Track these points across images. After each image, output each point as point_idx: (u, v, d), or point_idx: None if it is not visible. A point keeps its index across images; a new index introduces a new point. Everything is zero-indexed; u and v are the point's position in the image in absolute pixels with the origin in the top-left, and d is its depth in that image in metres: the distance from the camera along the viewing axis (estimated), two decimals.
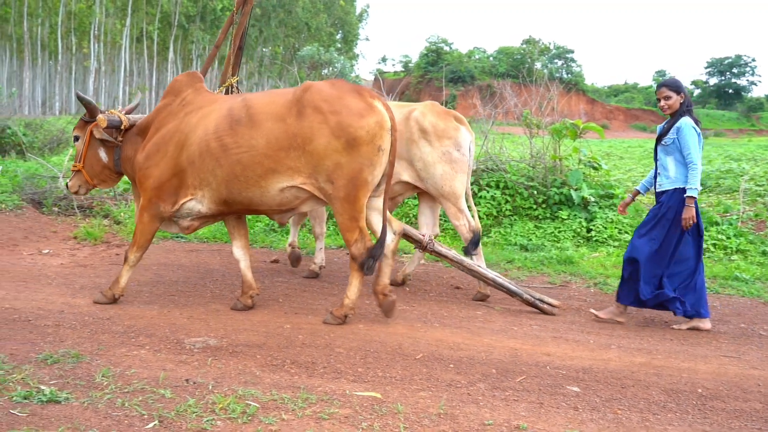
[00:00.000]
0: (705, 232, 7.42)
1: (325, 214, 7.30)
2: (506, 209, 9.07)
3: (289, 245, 7.25)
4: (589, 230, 8.74)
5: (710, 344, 5.09)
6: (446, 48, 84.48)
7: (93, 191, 7.22)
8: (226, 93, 6.13)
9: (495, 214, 9.05)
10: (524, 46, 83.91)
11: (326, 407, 3.50)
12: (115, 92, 53.72)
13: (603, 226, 8.70)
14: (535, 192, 9.10)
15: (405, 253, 8.08)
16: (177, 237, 8.66)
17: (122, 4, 53.60)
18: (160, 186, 5.30)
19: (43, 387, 3.54)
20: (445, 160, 6.20)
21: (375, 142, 4.80)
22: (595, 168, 9.70)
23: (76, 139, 5.90)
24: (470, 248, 6.24)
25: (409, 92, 79.12)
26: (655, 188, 5.76)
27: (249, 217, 9.15)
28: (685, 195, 5.38)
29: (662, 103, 5.57)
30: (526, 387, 3.99)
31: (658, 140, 5.67)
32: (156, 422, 3.20)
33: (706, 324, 5.51)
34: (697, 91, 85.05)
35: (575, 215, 8.87)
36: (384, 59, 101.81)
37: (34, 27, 51.86)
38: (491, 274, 6.07)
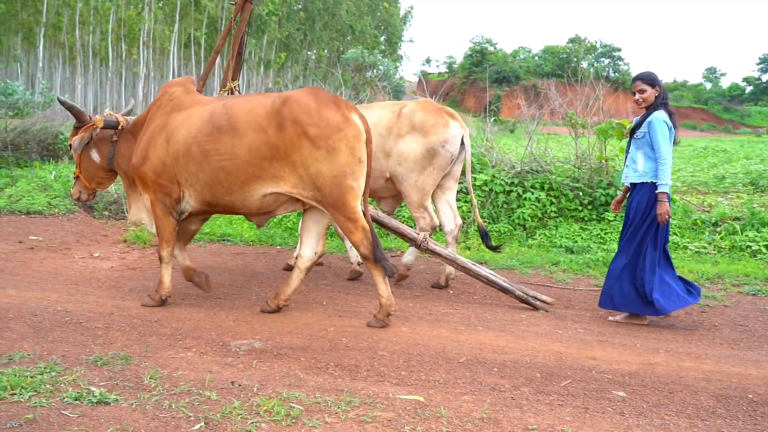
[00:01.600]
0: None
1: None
2: (551, 211, 8.98)
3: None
4: None
5: (762, 348, 4.97)
6: (491, 48, 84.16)
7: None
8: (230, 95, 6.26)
9: (540, 215, 8.97)
10: (570, 45, 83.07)
11: (369, 410, 3.51)
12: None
13: None
14: (581, 193, 9.00)
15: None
16: (222, 240, 8.78)
17: (170, 10, 54.54)
18: (158, 179, 5.44)
19: (93, 388, 3.63)
20: (428, 156, 6.31)
21: (354, 154, 4.94)
22: None
23: (71, 147, 5.97)
24: (488, 245, 6.56)
25: (453, 93, 78.97)
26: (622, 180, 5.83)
27: (293, 222, 9.24)
28: (656, 191, 5.40)
29: (637, 96, 5.59)
30: (571, 391, 3.96)
31: (631, 134, 5.69)
32: (202, 424, 3.26)
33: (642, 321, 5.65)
34: (749, 88, 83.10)
35: (622, 216, 8.73)
36: (428, 60, 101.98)
37: (86, 35, 53.05)
38: (485, 271, 6.10)
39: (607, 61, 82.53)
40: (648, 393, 3.98)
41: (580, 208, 8.98)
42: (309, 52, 65.56)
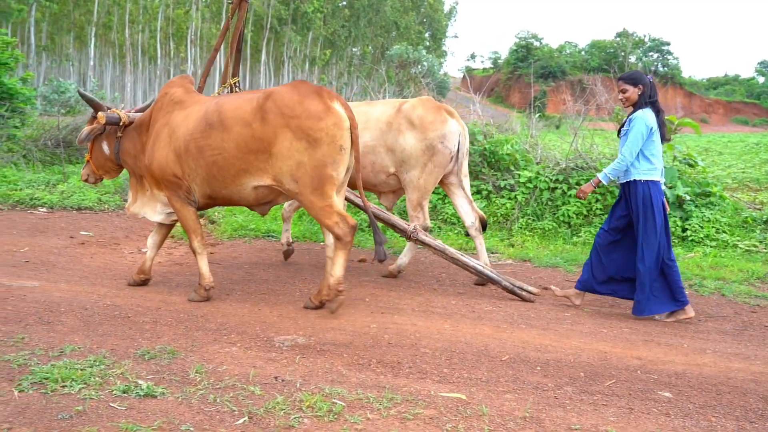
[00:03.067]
0: None
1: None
2: (597, 208, 8.86)
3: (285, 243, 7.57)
4: (684, 230, 8.45)
5: None
6: (536, 43, 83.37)
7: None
8: (230, 92, 6.46)
9: (585, 213, 8.86)
10: (618, 39, 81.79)
11: (411, 407, 3.52)
12: (210, 94, 55.37)
13: (699, 226, 8.39)
14: None
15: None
16: (268, 236, 8.87)
17: (217, 9, 55.23)
18: (164, 176, 5.68)
19: (140, 382, 3.70)
20: (428, 153, 6.42)
21: (335, 142, 5.08)
22: (691, 165, 9.36)
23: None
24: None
25: (498, 89, 78.43)
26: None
27: None
28: (596, 176, 5.66)
29: (620, 96, 5.71)
30: (616, 391, 3.91)
31: (619, 133, 5.80)
32: (246, 418, 3.30)
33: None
34: None
35: (670, 214, 8.57)
36: (473, 56, 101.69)
37: (135, 33, 54.07)
38: (472, 262, 6.22)
39: (655, 55, 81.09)
40: (695, 394, 3.92)
41: (668, 209, 8.84)
42: (353, 49, 65.74)
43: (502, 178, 9.50)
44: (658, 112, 5.58)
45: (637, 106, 5.62)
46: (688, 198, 8.66)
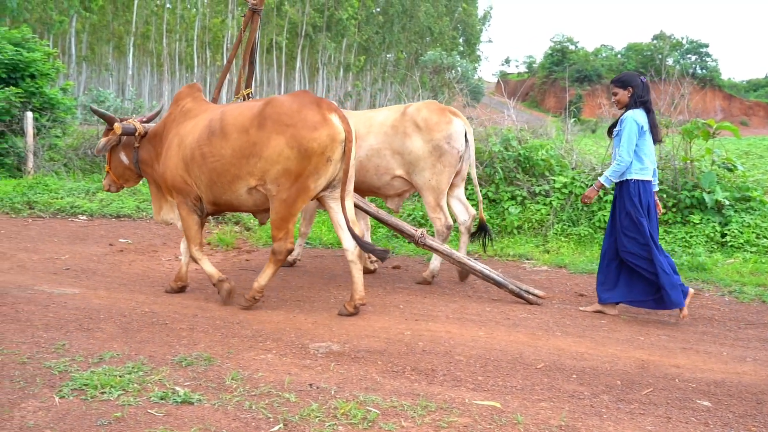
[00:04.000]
0: None
1: (315, 215, 7.72)
2: None
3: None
4: (723, 235, 8.31)
5: None
6: (572, 47, 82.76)
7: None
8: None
9: None
10: (655, 41, 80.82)
11: (445, 415, 3.52)
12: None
13: (739, 231, 8.24)
14: (665, 195, 8.74)
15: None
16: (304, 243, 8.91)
17: None
18: (175, 183, 5.90)
19: (178, 388, 3.75)
20: (435, 153, 6.53)
21: (325, 153, 5.20)
22: (730, 169, 9.20)
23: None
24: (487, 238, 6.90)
25: (533, 93, 77.99)
26: None
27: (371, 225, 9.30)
28: (598, 179, 5.74)
29: (612, 99, 5.89)
30: (653, 400, 3.86)
31: (609, 133, 5.97)
32: (281, 425, 3.33)
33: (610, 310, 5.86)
34: None
35: (708, 219, 8.46)
36: (507, 61, 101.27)
37: (173, 43, 54.81)
38: (479, 266, 6.30)
39: (693, 57, 79.91)
40: (734, 403, 3.86)
41: (663, 210, 8.73)
42: (387, 55, 65.82)
43: (536, 183, 9.44)
44: (649, 113, 5.71)
45: (628, 107, 5.73)
46: (727, 203, 8.52)
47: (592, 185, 5.85)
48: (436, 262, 7.02)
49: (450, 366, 4.34)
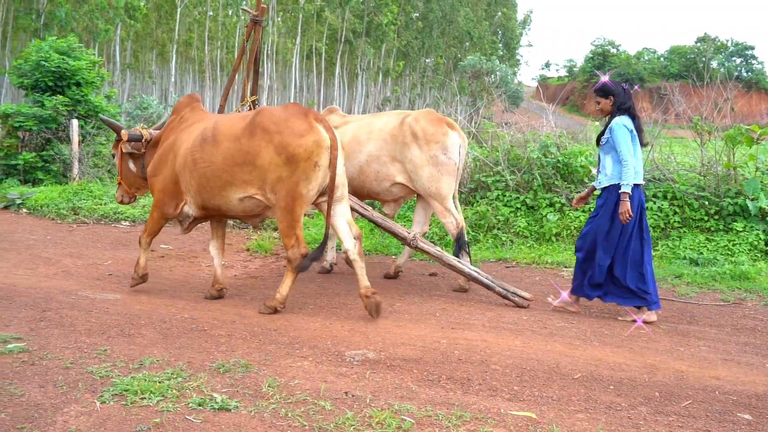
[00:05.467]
0: None
1: None
2: (674, 221, 8.63)
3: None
4: (767, 243, 8.13)
5: None
6: (613, 50, 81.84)
7: None
8: (249, 110, 6.84)
9: (662, 226, 8.64)
10: (698, 44, 79.48)
11: (480, 425, 3.51)
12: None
13: None
14: (707, 202, 8.59)
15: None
16: (338, 250, 8.95)
17: (293, 24, 56.27)
18: (164, 190, 6.20)
19: (215, 395, 3.80)
20: (432, 162, 6.73)
21: (312, 158, 5.44)
22: None
23: (113, 156, 6.92)
24: (459, 249, 6.80)
25: (573, 98, 77.31)
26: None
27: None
28: (620, 191, 5.73)
29: (596, 108, 6.07)
30: (692, 412, 3.81)
31: (597, 142, 6.06)
32: None
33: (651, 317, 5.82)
34: None
35: (752, 227, 8.28)
36: (547, 65, 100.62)
37: (214, 50, 55.57)
38: (468, 269, 6.46)
39: (738, 60, 78.43)
40: None
41: (705, 218, 8.59)
42: (426, 60, 65.82)
43: (575, 190, 9.36)
44: (633, 118, 5.85)
45: (612, 114, 5.90)
46: None
47: (623, 200, 5.73)
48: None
49: (486, 375, 4.33)
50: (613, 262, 5.87)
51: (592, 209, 6.54)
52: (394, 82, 65.06)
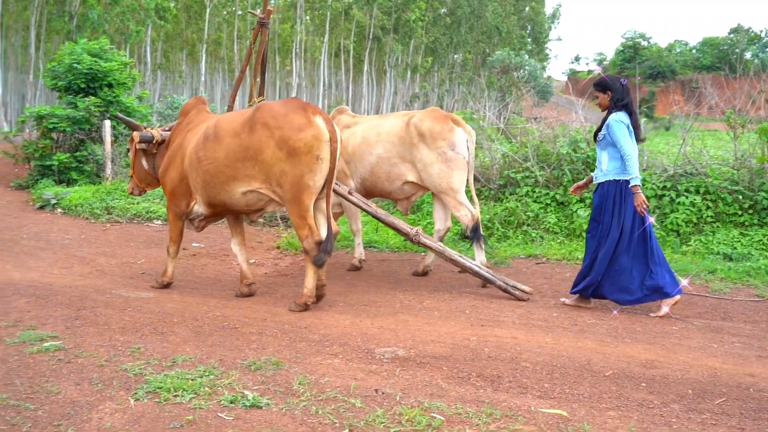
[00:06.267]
0: None
1: (359, 211, 7.75)
2: (707, 216, 8.51)
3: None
4: None
5: None
6: (644, 43, 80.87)
7: None
8: None
9: (695, 221, 8.53)
10: (731, 35, 78.21)
11: (510, 423, 3.50)
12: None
13: None
14: (741, 197, 8.46)
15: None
16: (369, 247, 8.98)
17: (321, 22, 56.41)
18: (174, 190, 6.47)
19: (247, 392, 3.84)
20: (441, 159, 6.93)
21: (313, 152, 5.58)
22: None
23: (128, 150, 7.26)
24: (472, 236, 7.03)
25: None
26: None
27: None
28: (629, 185, 5.77)
29: (596, 102, 6.16)
30: (726, 410, 3.76)
31: (595, 137, 6.12)
32: (346, 431, 3.37)
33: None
34: None
35: None
36: (577, 58, 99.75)
37: (243, 49, 55.75)
38: (469, 263, 6.61)
39: None
40: None
41: (740, 212, 8.46)
42: (455, 56, 65.54)
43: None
44: (631, 114, 5.89)
45: (609, 110, 5.94)
46: None
47: (636, 193, 5.80)
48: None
49: (516, 373, 4.31)
50: (612, 259, 5.90)
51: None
52: (423, 79, 64.87)
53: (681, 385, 4.13)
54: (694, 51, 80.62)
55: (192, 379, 3.99)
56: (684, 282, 6.08)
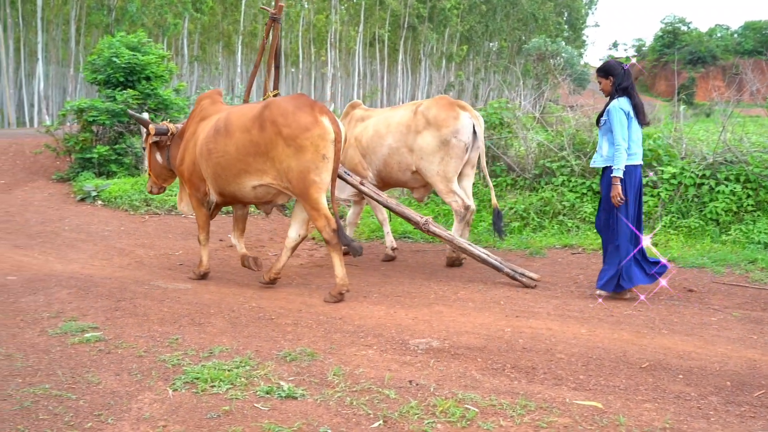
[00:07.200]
0: None
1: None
2: (748, 204, 8.34)
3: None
4: None
5: None
6: (684, 28, 79.41)
7: None
8: None
9: (735, 209, 8.36)
10: None
11: (545, 415, 3.50)
12: (349, 95, 56.64)
13: None
14: None
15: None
16: (404, 237, 8.99)
17: (355, 11, 56.36)
18: (190, 177, 6.65)
19: (282, 383, 3.89)
20: (444, 147, 7.05)
21: (318, 150, 5.76)
22: None
23: (144, 150, 7.33)
24: (498, 227, 7.33)
25: (642, 78, 75.37)
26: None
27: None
28: (611, 174, 5.86)
29: (599, 87, 6.15)
30: (765, 403, 3.71)
31: (597, 122, 6.18)
32: (380, 422, 3.40)
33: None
34: None
35: None
36: (615, 45, 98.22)
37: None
38: (478, 251, 6.66)
39: None
40: None
41: None
42: (490, 44, 65.03)
43: (643, 174, 9.12)
44: (632, 98, 5.92)
45: (611, 95, 5.96)
46: None
47: (614, 184, 5.89)
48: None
49: (551, 364, 4.30)
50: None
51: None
52: (458, 67, 64.50)
53: (719, 377, 4.08)
54: (735, 35, 78.85)
55: (228, 370, 4.05)
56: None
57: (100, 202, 11.73)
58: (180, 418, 3.43)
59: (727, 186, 8.46)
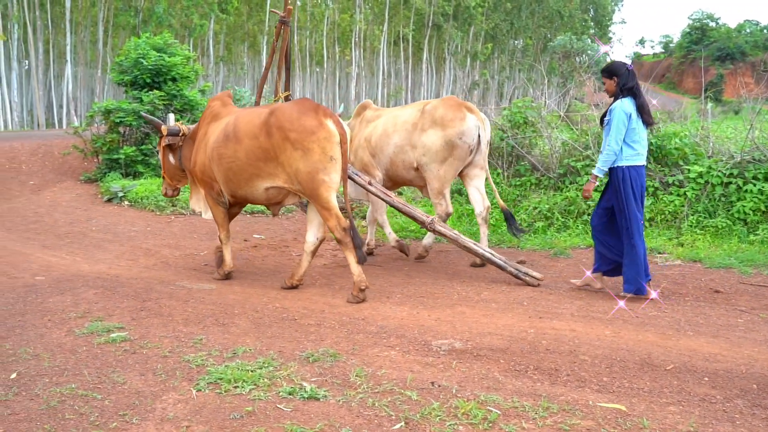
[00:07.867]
0: None
1: (384, 204, 7.83)
2: None
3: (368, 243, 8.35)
4: None
5: None
6: (712, 24, 78.44)
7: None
8: None
9: (763, 209, 8.25)
10: None
11: (568, 418, 3.48)
12: (373, 94, 56.70)
13: None
14: None
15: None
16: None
17: (380, 10, 56.40)
18: (203, 177, 6.76)
19: (305, 384, 3.91)
20: (447, 147, 7.08)
21: (326, 153, 5.89)
22: None
23: (157, 152, 7.22)
24: (512, 227, 7.42)
25: (669, 75, 74.59)
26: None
27: (494, 222, 9.24)
28: (593, 171, 6.00)
29: (603, 88, 6.16)
30: None
31: (601, 122, 6.21)
32: (402, 423, 3.41)
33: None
34: None
35: None
36: (642, 41, 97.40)
37: (303, 39, 56.26)
38: (481, 250, 6.74)
39: None
40: None
41: None
42: (515, 42, 64.71)
43: (669, 173, 9.05)
44: (637, 98, 5.88)
45: (616, 96, 5.95)
46: None
47: (590, 181, 6.10)
48: (428, 239, 7.92)
49: (574, 366, 4.28)
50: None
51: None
52: (482, 66, 64.29)
53: (745, 380, 4.03)
54: (765, 31, 77.71)
55: (252, 371, 4.08)
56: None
57: (126, 202, 11.87)
58: (203, 419, 3.46)
59: (755, 185, 8.35)
